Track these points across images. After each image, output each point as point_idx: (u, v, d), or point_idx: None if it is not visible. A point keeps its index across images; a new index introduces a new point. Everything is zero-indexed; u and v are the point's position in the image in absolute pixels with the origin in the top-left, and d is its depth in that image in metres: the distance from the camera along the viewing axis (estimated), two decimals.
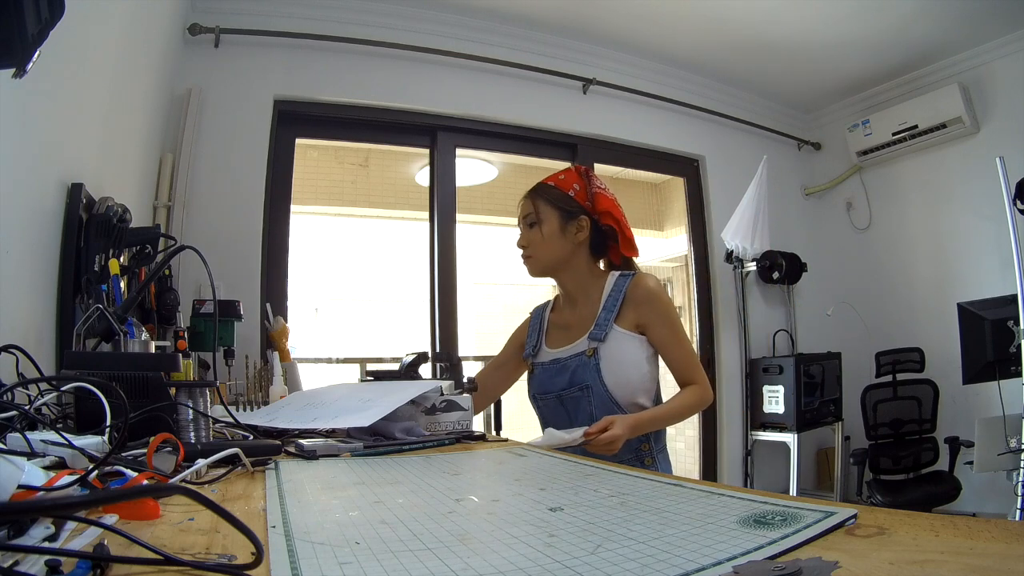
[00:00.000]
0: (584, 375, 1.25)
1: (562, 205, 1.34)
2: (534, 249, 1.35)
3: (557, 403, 1.31)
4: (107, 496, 0.43)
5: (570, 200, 1.34)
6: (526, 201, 1.39)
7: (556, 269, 1.36)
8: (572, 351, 1.30)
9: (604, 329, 1.26)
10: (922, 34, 3.12)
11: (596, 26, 3.07)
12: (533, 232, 1.34)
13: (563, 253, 1.34)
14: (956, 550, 0.36)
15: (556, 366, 1.31)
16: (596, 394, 1.24)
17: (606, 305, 1.29)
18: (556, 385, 1.30)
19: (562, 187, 1.36)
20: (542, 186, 1.38)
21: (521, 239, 1.38)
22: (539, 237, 1.33)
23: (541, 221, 1.33)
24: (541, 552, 0.40)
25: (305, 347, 2.97)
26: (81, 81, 1.44)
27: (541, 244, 1.33)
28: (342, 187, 3.21)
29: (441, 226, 2.95)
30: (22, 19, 0.71)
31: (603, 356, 1.24)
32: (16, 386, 0.78)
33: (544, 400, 1.35)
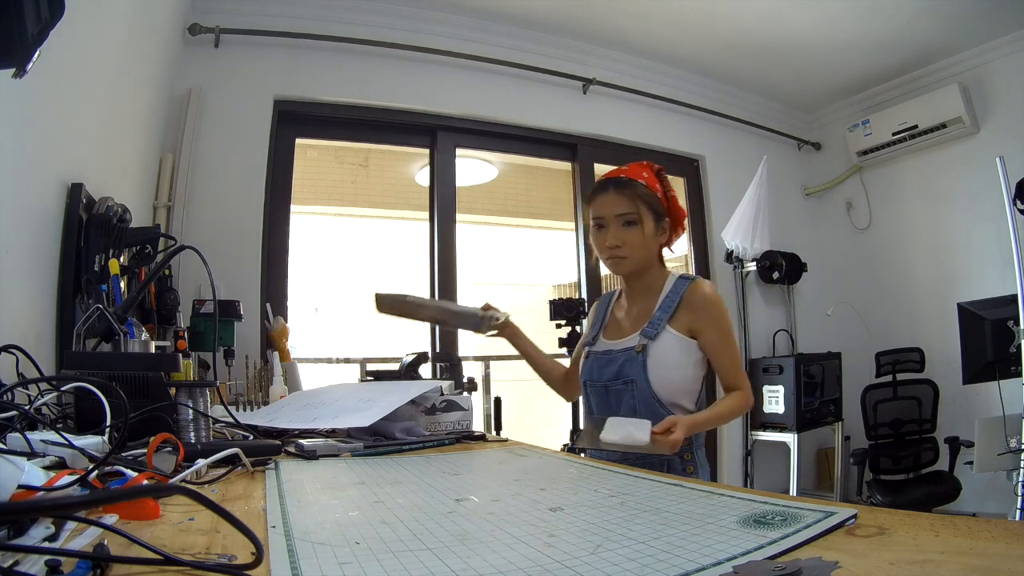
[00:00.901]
0: (630, 370, 1.26)
1: (656, 207, 1.32)
2: (630, 250, 1.30)
3: (603, 392, 1.32)
4: (107, 496, 0.43)
5: (659, 202, 1.33)
6: (621, 198, 1.31)
7: (640, 268, 1.34)
8: (623, 345, 1.30)
9: (657, 328, 1.26)
10: (922, 34, 3.12)
11: (596, 26, 3.07)
12: (630, 232, 1.29)
13: (652, 255, 1.34)
14: (956, 550, 0.36)
15: (607, 357, 1.32)
16: (639, 390, 1.25)
17: (662, 305, 1.30)
18: (603, 375, 1.31)
19: (651, 187, 1.33)
20: (638, 184, 1.32)
21: (614, 237, 1.30)
22: (638, 238, 1.29)
23: (641, 222, 1.29)
24: (541, 552, 0.40)
25: (305, 347, 2.97)
26: (81, 81, 1.44)
27: (639, 246, 1.30)
28: (342, 187, 3.21)
29: (441, 226, 2.95)
30: (22, 19, 0.71)
31: (651, 354, 1.25)
32: (16, 386, 0.78)
33: (592, 388, 1.36)
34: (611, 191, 1.32)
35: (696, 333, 1.26)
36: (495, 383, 3.13)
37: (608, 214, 1.31)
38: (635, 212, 1.29)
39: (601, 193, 1.34)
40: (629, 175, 1.34)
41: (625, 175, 1.34)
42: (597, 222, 1.33)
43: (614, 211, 1.30)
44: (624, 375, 1.27)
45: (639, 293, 1.36)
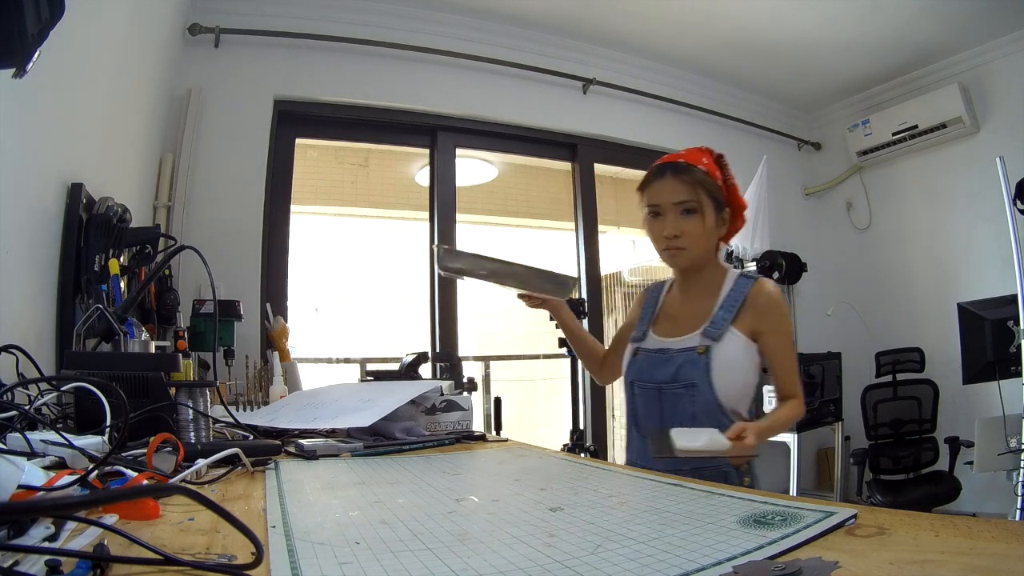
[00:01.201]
0: (692, 372, 1.16)
1: (717, 196, 1.21)
2: (689, 241, 1.20)
3: (655, 395, 1.21)
4: (107, 496, 0.43)
5: (720, 191, 1.23)
6: (681, 184, 1.20)
7: (699, 261, 1.25)
8: (682, 344, 1.20)
9: (720, 329, 1.17)
10: (922, 34, 3.12)
11: (596, 26, 3.07)
12: (691, 222, 1.19)
13: (712, 248, 1.25)
14: (956, 550, 0.36)
15: (662, 356, 1.21)
16: (701, 394, 1.15)
17: (725, 304, 1.20)
18: (658, 376, 1.20)
19: (712, 175, 1.23)
20: (698, 170, 1.21)
21: (672, 227, 1.20)
22: (698, 229, 1.19)
23: (703, 212, 1.19)
24: (541, 552, 0.40)
25: (305, 347, 2.97)
26: (81, 81, 1.44)
27: (699, 237, 1.20)
28: (342, 187, 3.21)
29: (441, 226, 2.95)
30: (22, 19, 0.71)
31: (715, 356, 1.15)
32: (16, 386, 0.78)
33: (642, 388, 1.24)
34: (668, 176, 1.21)
35: (758, 336, 1.18)
36: (495, 383, 3.13)
37: (665, 202, 1.21)
38: (695, 200, 1.18)
39: (657, 179, 1.23)
40: (688, 160, 1.23)
41: (684, 160, 1.23)
42: (653, 210, 1.23)
43: (672, 198, 1.20)
44: (684, 378, 1.17)
45: (696, 289, 1.26)
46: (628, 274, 4.25)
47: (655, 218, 1.23)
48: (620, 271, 4.19)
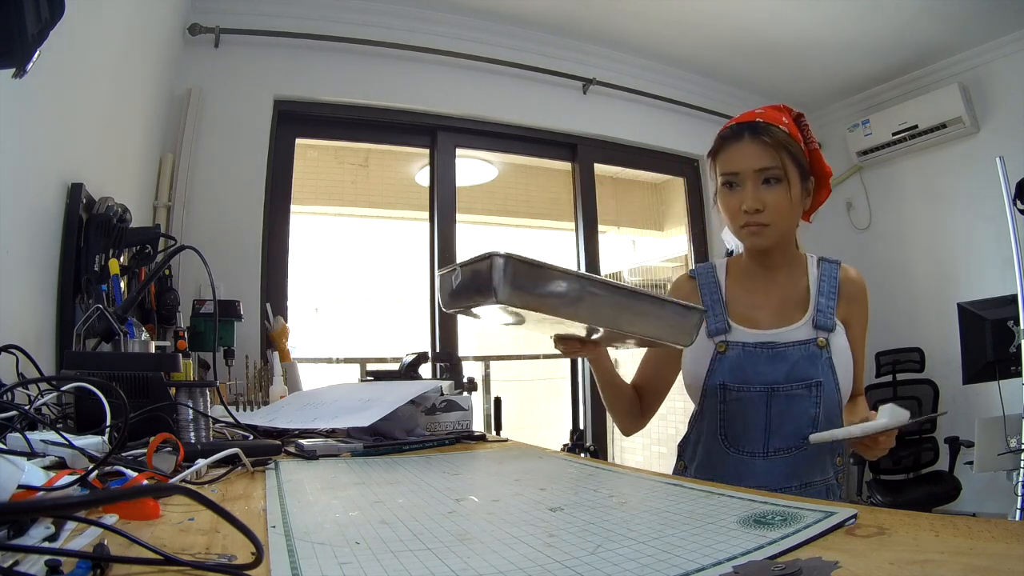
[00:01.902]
0: (813, 369, 1.01)
1: (802, 162, 1.04)
2: (775, 215, 1.02)
3: (761, 398, 1.03)
4: (107, 496, 0.43)
5: (804, 156, 1.06)
6: (762, 148, 1.02)
7: (783, 240, 1.08)
8: (790, 336, 1.03)
9: (831, 318, 1.04)
10: (922, 34, 3.12)
11: (596, 26, 3.07)
12: (774, 192, 1.01)
13: (796, 223, 1.09)
14: (956, 550, 0.36)
15: (767, 351, 1.04)
16: (827, 394, 1.01)
17: (822, 290, 1.07)
18: (767, 375, 1.03)
19: (795, 135, 1.05)
20: (780, 131, 1.03)
21: (753, 199, 1.01)
22: (784, 201, 1.01)
23: (789, 180, 1.02)
24: (541, 552, 0.40)
25: (305, 347, 2.97)
26: (81, 81, 1.44)
27: (786, 210, 1.02)
28: (342, 187, 3.21)
29: (441, 226, 2.95)
30: (22, 19, 0.71)
31: (834, 350, 1.02)
32: (16, 386, 0.78)
33: (741, 392, 1.04)
34: (747, 139, 1.03)
35: (845, 325, 1.06)
36: (495, 383, 3.13)
37: (745, 168, 1.02)
38: (779, 167, 1.01)
39: (734, 142, 1.05)
40: (767, 119, 1.05)
41: (762, 119, 1.05)
42: (727, 179, 1.05)
43: (753, 165, 1.01)
44: (804, 376, 1.01)
45: (781, 273, 1.10)
46: (628, 274, 4.25)
47: (731, 189, 1.05)
48: (620, 271, 4.20)
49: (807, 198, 1.08)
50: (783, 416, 1.01)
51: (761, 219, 1.02)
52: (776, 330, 1.05)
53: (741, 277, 1.14)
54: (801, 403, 1.01)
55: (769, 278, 1.11)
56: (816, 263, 1.12)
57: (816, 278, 1.09)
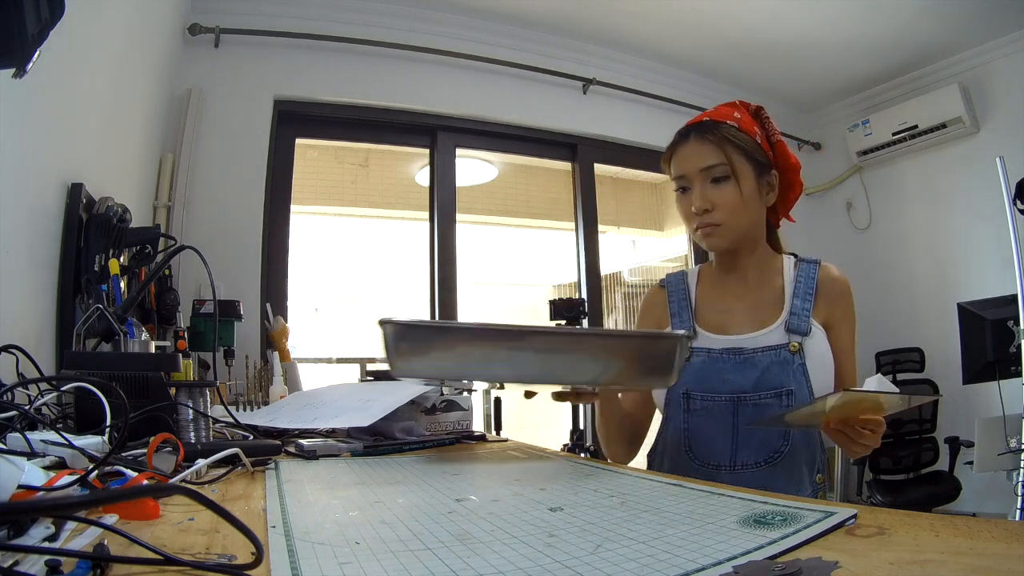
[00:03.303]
0: (784, 376, 0.95)
1: (756, 155, 1.01)
2: (727, 214, 0.99)
3: (727, 408, 0.97)
4: (107, 496, 0.43)
5: (761, 150, 1.02)
6: (706, 146, 1.00)
7: (744, 239, 1.03)
8: (761, 342, 0.98)
9: (806, 322, 0.98)
10: (922, 34, 3.12)
11: (596, 26, 3.07)
12: (724, 190, 0.98)
13: (757, 221, 1.04)
14: (956, 550, 0.36)
15: (735, 358, 0.99)
16: (799, 403, 0.94)
17: (798, 292, 1.01)
18: (734, 383, 0.97)
19: (746, 130, 1.02)
20: (727, 126, 1.01)
21: (702, 199, 0.99)
22: (732, 198, 0.98)
23: (738, 176, 0.98)
24: (541, 552, 0.40)
25: (305, 347, 2.97)
26: (81, 81, 1.44)
27: (738, 207, 0.98)
28: (342, 187, 3.21)
29: (441, 226, 2.95)
30: (22, 19, 0.71)
31: (809, 355, 0.96)
32: (16, 386, 0.78)
33: (706, 401, 0.99)
34: (692, 139, 1.02)
35: (828, 328, 1.01)
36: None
37: (691, 169, 1.01)
38: (725, 163, 0.98)
39: (680, 144, 1.04)
40: (715, 117, 1.04)
41: (710, 117, 1.04)
42: (680, 184, 1.04)
43: (698, 164, 1.00)
44: (775, 384, 0.95)
45: (750, 274, 1.06)
46: (628, 274, 4.24)
47: (684, 193, 1.03)
48: (620, 271, 4.19)
49: (769, 193, 1.04)
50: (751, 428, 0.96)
51: (712, 219, 1.00)
52: (745, 335, 1.01)
53: (712, 283, 1.11)
54: (771, 413, 0.94)
55: (740, 282, 1.07)
56: (794, 264, 1.07)
57: (792, 279, 1.04)
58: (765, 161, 1.03)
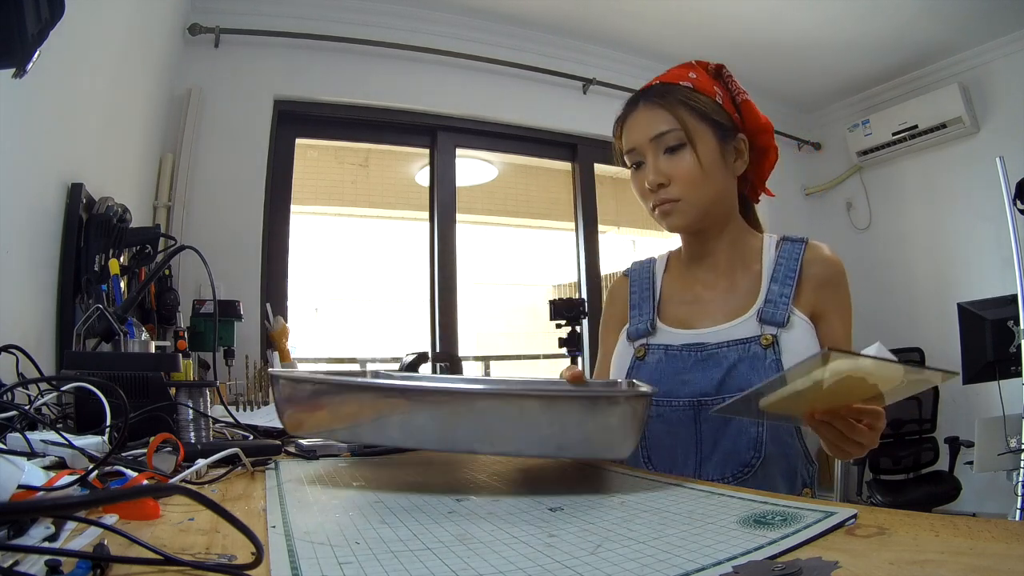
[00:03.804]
0: (754, 375, 0.80)
1: (716, 117, 0.88)
2: (685, 187, 0.85)
3: (687, 414, 0.84)
4: (107, 496, 0.43)
5: (722, 111, 0.89)
6: (656, 113, 0.88)
7: (711, 216, 0.89)
8: (728, 335, 0.85)
9: (783, 310, 0.84)
10: (922, 34, 3.12)
11: (596, 26, 3.07)
12: (679, 160, 0.85)
13: (724, 192, 0.89)
14: (956, 550, 0.36)
15: (697, 354, 0.85)
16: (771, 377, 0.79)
17: (776, 276, 0.87)
18: (696, 384, 0.84)
19: (704, 91, 0.89)
20: (679, 89, 0.89)
21: (655, 172, 0.87)
22: (692, 168, 0.85)
23: (694, 142, 0.85)
24: (541, 552, 0.40)
25: (305, 347, 2.97)
26: (81, 81, 1.44)
27: (697, 178, 0.85)
28: (342, 187, 3.21)
29: (441, 226, 2.95)
30: (22, 19, 0.71)
31: (785, 349, 0.81)
32: (16, 386, 0.78)
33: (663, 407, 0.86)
34: (640, 107, 0.91)
35: (817, 318, 0.86)
36: None
37: (641, 140, 0.89)
38: (678, 128, 0.85)
39: (629, 114, 0.94)
40: (666, 79, 0.93)
41: (660, 80, 0.93)
42: (632, 159, 0.92)
43: (647, 133, 0.88)
44: (743, 383, 0.80)
45: (721, 258, 0.92)
46: None
47: (638, 169, 0.91)
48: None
49: (737, 160, 0.90)
50: (716, 436, 0.82)
51: (668, 194, 0.86)
52: (710, 328, 0.87)
53: (680, 270, 0.97)
54: (739, 419, 0.81)
55: (710, 268, 0.93)
56: (776, 244, 0.92)
57: (772, 261, 0.89)
58: (729, 124, 0.89)
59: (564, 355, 2.56)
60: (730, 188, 0.91)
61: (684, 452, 0.85)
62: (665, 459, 0.87)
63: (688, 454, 0.85)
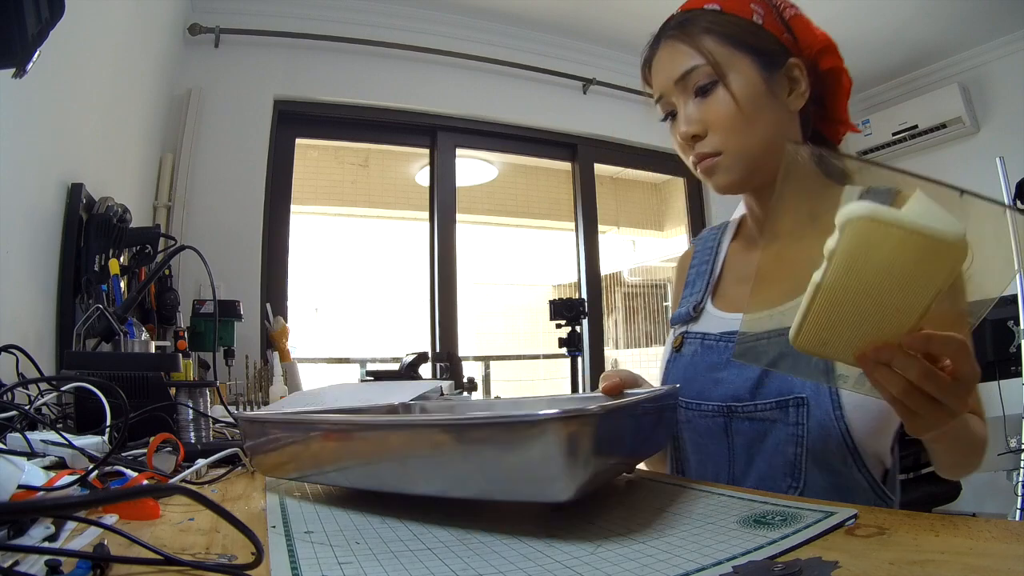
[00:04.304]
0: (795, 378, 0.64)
1: (752, 42, 0.69)
2: (724, 135, 0.68)
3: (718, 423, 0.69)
4: (107, 496, 0.43)
5: (762, 32, 0.70)
6: (678, 46, 0.72)
7: (766, 169, 0.69)
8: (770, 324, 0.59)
9: None
10: (922, 34, 3.12)
11: (596, 26, 3.07)
12: (711, 103, 0.69)
13: (776, 134, 0.69)
14: (956, 550, 0.36)
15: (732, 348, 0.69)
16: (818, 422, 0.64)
17: None
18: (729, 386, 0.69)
19: (736, 11, 0.70)
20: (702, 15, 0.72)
21: (687, 121, 0.71)
22: (727, 109, 0.67)
23: (725, 76, 0.68)
24: (541, 552, 0.40)
25: (305, 347, 2.97)
26: (81, 81, 1.44)
27: (737, 122, 0.67)
28: (342, 187, 3.22)
29: (441, 226, 2.95)
30: (22, 19, 0.71)
31: None
32: (16, 386, 0.78)
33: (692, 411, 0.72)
34: (662, 46, 0.76)
35: None
36: (495, 383, 3.13)
37: (665, 85, 0.73)
38: (704, 62, 0.68)
39: (652, 56, 0.78)
40: (688, 5, 0.76)
41: (682, 8, 0.77)
42: (664, 109, 0.76)
43: (671, 75, 0.72)
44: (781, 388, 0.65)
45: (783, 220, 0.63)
46: (628, 274, 4.25)
47: (673, 121, 0.75)
48: (620, 271, 4.20)
49: (792, 93, 0.71)
50: (751, 451, 0.67)
51: (705, 147, 0.70)
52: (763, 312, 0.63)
53: (747, 239, 0.80)
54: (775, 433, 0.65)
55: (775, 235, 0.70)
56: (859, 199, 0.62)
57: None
58: (774, 48, 0.70)
59: (564, 355, 2.56)
60: (788, 130, 0.72)
61: (715, 468, 0.70)
62: (698, 471, 0.73)
63: (720, 471, 0.70)
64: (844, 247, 0.40)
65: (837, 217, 0.40)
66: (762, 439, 0.67)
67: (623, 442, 0.49)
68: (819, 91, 0.76)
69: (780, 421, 0.66)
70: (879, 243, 0.38)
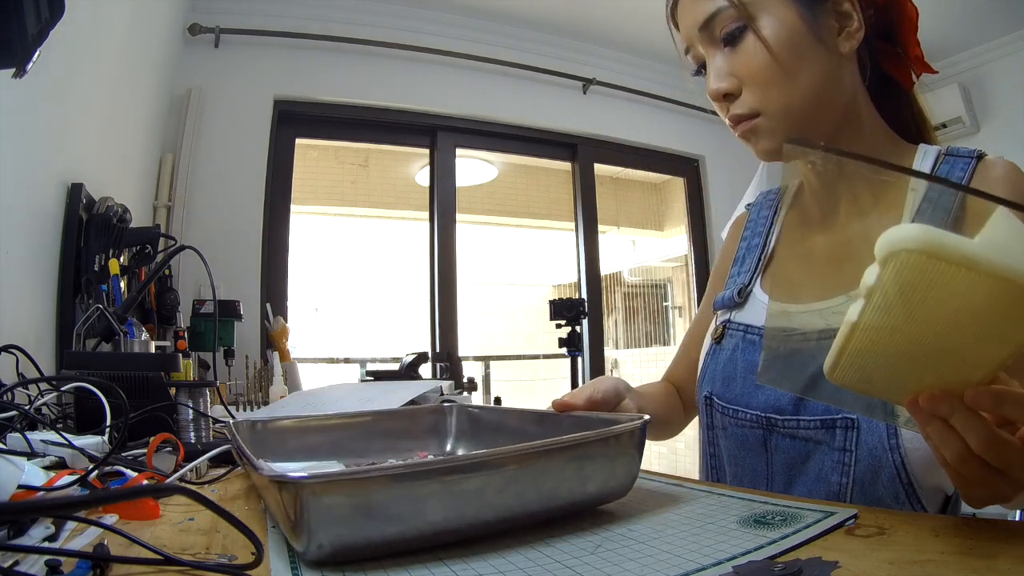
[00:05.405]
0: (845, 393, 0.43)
1: None
2: (758, 90, 0.58)
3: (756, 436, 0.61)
4: (107, 496, 0.43)
5: None
6: None
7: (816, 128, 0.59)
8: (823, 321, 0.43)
9: None
10: (922, 34, 3.10)
11: (596, 26, 3.07)
12: (741, 52, 0.59)
13: (824, 84, 0.58)
14: (956, 550, 0.36)
15: None
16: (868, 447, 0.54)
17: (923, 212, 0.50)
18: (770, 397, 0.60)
19: None
20: None
21: (716, 76, 0.61)
22: (759, 58, 0.57)
23: (754, 18, 0.57)
24: (541, 552, 0.40)
25: (305, 347, 2.97)
26: (81, 81, 1.44)
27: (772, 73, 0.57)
28: (342, 187, 3.22)
29: (441, 226, 2.95)
30: (22, 19, 0.71)
31: None
32: (16, 386, 0.78)
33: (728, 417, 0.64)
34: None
35: None
36: (495, 383, 3.13)
37: (691, 34, 0.64)
38: (727, 5, 0.58)
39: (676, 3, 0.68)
40: None
41: None
42: (694, 61, 0.66)
43: (695, 21, 0.62)
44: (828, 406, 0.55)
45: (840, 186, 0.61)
46: (628, 274, 4.25)
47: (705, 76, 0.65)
48: (620, 271, 4.20)
49: (842, 34, 0.58)
50: (791, 472, 0.59)
51: (741, 107, 0.59)
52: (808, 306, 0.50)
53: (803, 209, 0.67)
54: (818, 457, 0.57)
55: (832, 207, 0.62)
56: (935, 162, 0.60)
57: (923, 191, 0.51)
58: None
59: (564, 355, 2.56)
60: (840, 78, 0.59)
61: (752, 485, 0.62)
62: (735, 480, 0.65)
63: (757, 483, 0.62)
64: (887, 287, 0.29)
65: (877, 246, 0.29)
66: (804, 461, 0.58)
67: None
68: (879, 26, 0.62)
69: (825, 443, 0.56)
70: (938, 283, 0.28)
